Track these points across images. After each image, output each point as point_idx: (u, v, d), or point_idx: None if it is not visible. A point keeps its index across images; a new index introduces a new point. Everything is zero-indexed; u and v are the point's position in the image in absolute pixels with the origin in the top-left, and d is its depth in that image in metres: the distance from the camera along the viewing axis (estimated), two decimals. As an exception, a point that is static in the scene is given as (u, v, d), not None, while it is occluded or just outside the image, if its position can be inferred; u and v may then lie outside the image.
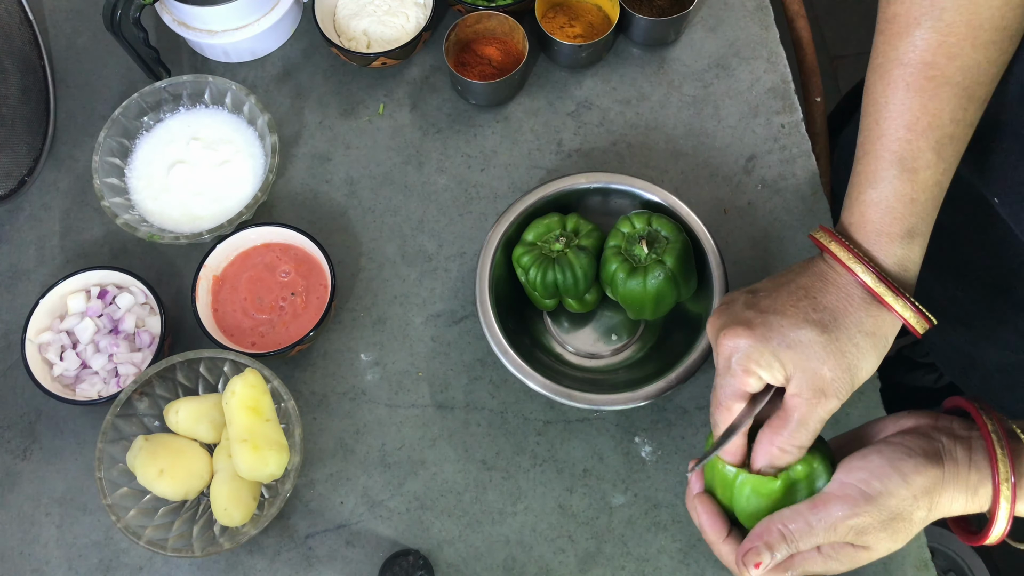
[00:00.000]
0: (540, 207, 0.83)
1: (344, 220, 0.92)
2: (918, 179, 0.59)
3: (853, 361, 0.58)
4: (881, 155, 0.59)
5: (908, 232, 0.59)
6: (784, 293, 0.60)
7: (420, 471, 0.83)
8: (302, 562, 0.80)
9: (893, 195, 0.59)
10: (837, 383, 0.58)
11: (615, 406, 0.77)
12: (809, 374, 0.58)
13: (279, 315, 0.85)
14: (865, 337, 0.58)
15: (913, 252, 0.60)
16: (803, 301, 0.59)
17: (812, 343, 0.58)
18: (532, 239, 0.80)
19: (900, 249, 0.59)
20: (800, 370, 0.58)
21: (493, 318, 0.79)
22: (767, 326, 0.59)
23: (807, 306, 0.59)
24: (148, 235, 0.86)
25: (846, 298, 0.59)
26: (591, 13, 0.97)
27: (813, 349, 0.58)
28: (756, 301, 0.61)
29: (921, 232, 0.60)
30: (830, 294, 0.59)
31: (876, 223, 0.59)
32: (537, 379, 0.77)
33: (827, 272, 0.60)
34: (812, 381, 0.58)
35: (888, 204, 0.59)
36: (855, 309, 0.59)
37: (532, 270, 0.79)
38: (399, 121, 0.96)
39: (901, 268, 0.60)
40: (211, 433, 0.80)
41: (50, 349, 0.83)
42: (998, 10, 0.56)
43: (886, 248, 0.59)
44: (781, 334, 0.58)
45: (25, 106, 0.93)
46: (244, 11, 0.93)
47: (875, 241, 0.60)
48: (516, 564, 0.80)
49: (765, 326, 0.59)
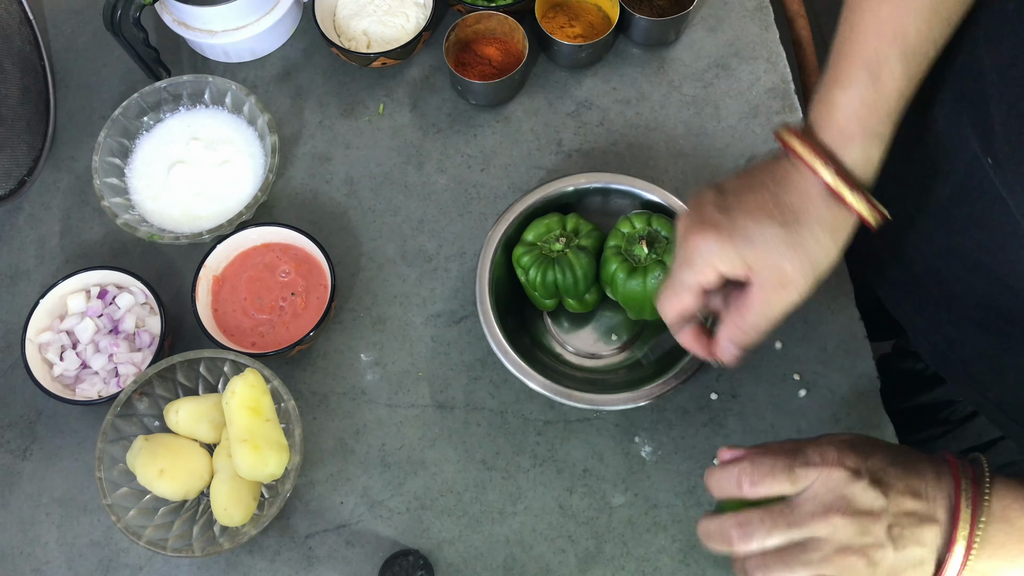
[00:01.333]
0: (540, 207, 0.83)
1: (344, 220, 0.92)
2: (883, 87, 0.61)
3: (814, 255, 0.61)
4: (852, 59, 0.62)
5: (869, 134, 0.62)
6: (749, 193, 0.63)
7: (420, 471, 0.83)
8: (302, 562, 0.80)
9: (859, 99, 0.62)
10: (798, 276, 0.61)
11: (615, 406, 0.77)
12: (772, 269, 0.61)
13: (279, 315, 0.85)
14: (825, 231, 0.61)
15: (872, 153, 0.62)
16: (767, 200, 0.62)
17: (775, 239, 0.61)
18: (532, 239, 0.80)
19: (861, 150, 0.62)
20: (763, 266, 0.62)
21: (493, 318, 0.79)
22: (733, 226, 0.62)
23: (771, 204, 0.62)
24: (148, 235, 0.86)
25: (807, 196, 0.62)
26: (591, 13, 0.97)
27: (776, 245, 0.61)
28: (724, 201, 0.63)
29: (881, 135, 0.62)
30: (792, 193, 0.62)
31: (840, 124, 0.62)
32: (537, 379, 0.77)
33: (790, 171, 0.63)
34: (775, 275, 0.61)
35: (853, 107, 0.62)
36: (815, 206, 0.62)
37: (532, 270, 0.79)
38: (399, 121, 0.96)
39: (860, 168, 0.62)
40: (211, 433, 0.80)
41: (50, 349, 0.83)
42: None
43: (847, 148, 0.62)
44: (746, 233, 0.62)
45: (25, 106, 0.93)
46: (244, 11, 0.93)
47: (838, 141, 0.62)
48: (516, 564, 0.80)
49: (731, 226, 0.62)
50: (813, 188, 0.62)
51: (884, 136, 0.63)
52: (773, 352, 0.85)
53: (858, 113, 0.62)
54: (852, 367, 0.84)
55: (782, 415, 0.83)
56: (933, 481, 0.56)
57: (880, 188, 0.66)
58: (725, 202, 0.63)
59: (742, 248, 0.62)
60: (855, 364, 0.84)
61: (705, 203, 0.64)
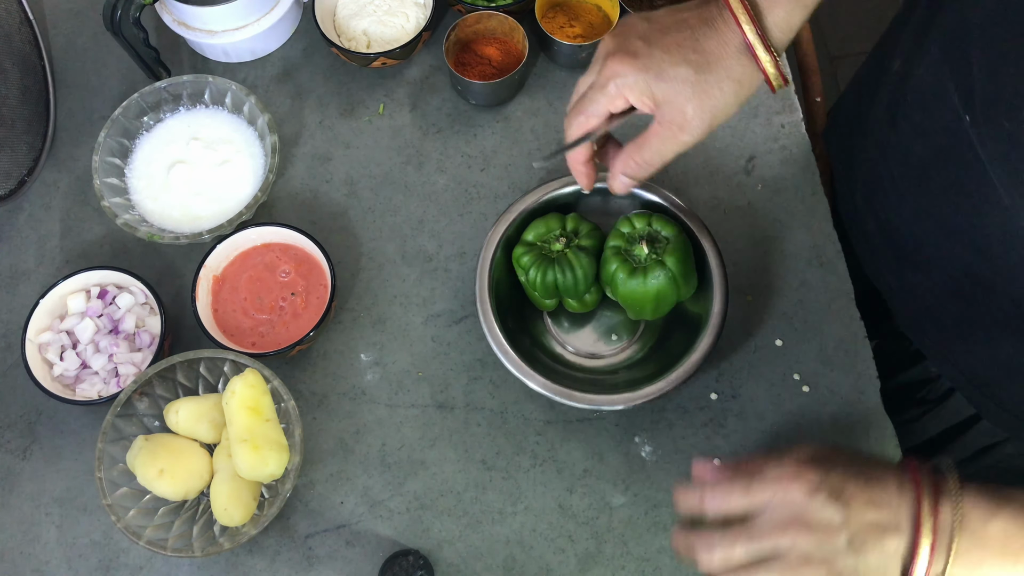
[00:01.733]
0: (540, 207, 0.83)
1: (344, 220, 0.92)
2: None
3: (716, 103, 0.65)
4: None
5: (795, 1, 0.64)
6: (673, 30, 0.66)
7: (420, 471, 0.83)
8: (302, 562, 0.80)
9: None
10: (696, 121, 0.65)
11: (615, 406, 0.77)
12: (675, 109, 0.65)
13: (279, 315, 0.85)
14: (731, 83, 0.65)
15: (793, 19, 0.65)
16: (687, 41, 0.65)
17: (685, 81, 0.64)
18: (532, 239, 0.80)
19: (784, 13, 0.64)
20: (668, 103, 0.65)
21: (493, 318, 0.79)
22: (651, 59, 0.65)
23: (689, 47, 0.65)
24: (148, 235, 0.86)
25: (724, 45, 0.65)
26: (591, 13, 0.97)
27: (684, 87, 0.65)
28: (648, 33, 0.66)
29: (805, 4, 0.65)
30: (711, 39, 0.65)
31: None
32: (537, 379, 0.77)
33: (715, 17, 0.65)
34: (676, 116, 0.65)
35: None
36: (729, 57, 0.65)
37: (532, 270, 0.79)
38: (399, 121, 0.96)
39: (779, 30, 0.65)
40: (211, 433, 0.80)
41: (50, 349, 0.83)
42: None
43: (773, 9, 0.64)
44: (660, 69, 0.65)
45: (25, 106, 0.93)
46: (244, 11, 0.93)
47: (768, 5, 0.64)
48: (516, 564, 0.80)
49: (649, 58, 0.65)
50: (732, 39, 0.64)
51: (808, 5, 0.65)
52: (773, 352, 0.85)
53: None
54: (852, 367, 0.84)
55: (782, 415, 0.83)
56: (895, 491, 0.57)
57: (860, 148, 0.67)
58: (650, 34, 0.66)
59: (653, 83, 0.65)
60: (855, 364, 0.84)
61: (631, 30, 0.67)
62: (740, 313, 0.86)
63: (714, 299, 0.78)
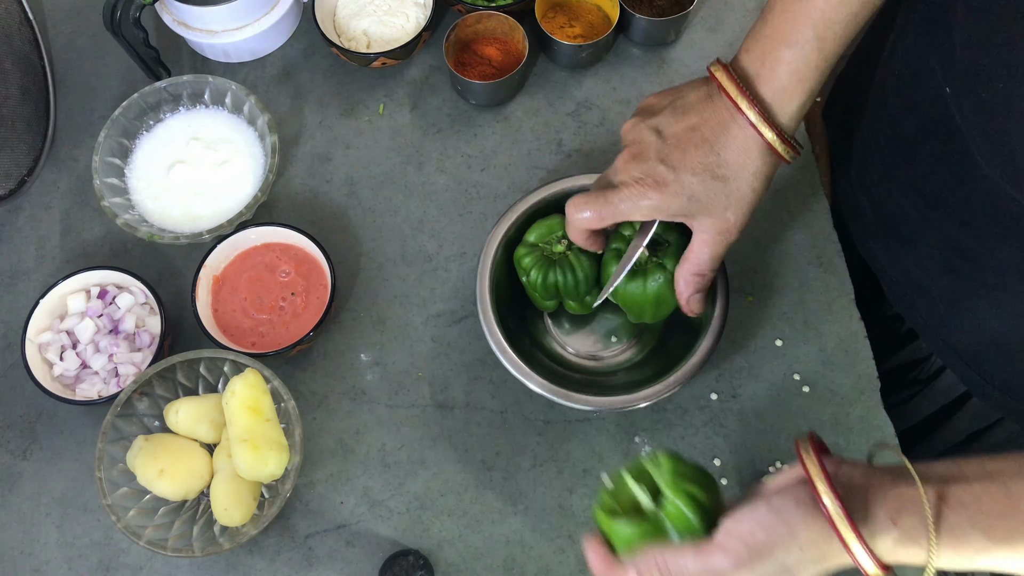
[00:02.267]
0: (541, 208, 0.83)
1: (344, 220, 0.92)
2: (825, 49, 0.66)
3: (750, 199, 0.68)
4: (799, 18, 0.65)
5: (806, 92, 0.66)
6: (691, 148, 0.67)
7: (420, 471, 0.83)
8: (302, 562, 0.80)
9: (803, 60, 0.65)
10: (739, 221, 0.68)
11: (614, 408, 0.77)
12: (716, 219, 0.68)
13: (279, 315, 0.85)
14: (760, 180, 0.67)
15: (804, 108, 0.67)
16: (710, 157, 0.66)
17: (719, 196, 0.67)
18: (534, 240, 0.80)
19: (797, 108, 0.67)
20: (708, 217, 0.68)
21: (493, 319, 0.79)
22: (680, 185, 0.67)
23: (713, 163, 0.66)
24: (148, 235, 0.86)
25: (746, 153, 0.66)
26: (591, 13, 0.97)
27: (719, 199, 0.67)
28: (668, 155, 0.67)
29: (812, 92, 0.67)
30: (731, 150, 0.66)
31: (784, 82, 0.66)
32: (536, 379, 0.77)
33: (730, 125, 0.66)
34: (718, 224, 0.68)
35: (798, 67, 0.66)
36: (752, 160, 0.66)
37: (534, 271, 0.79)
38: (399, 121, 0.96)
39: (793, 122, 0.67)
40: (211, 433, 0.80)
41: (50, 349, 0.83)
42: None
43: (786, 106, 0.66)
44: (692, 192, 0.67)
45: (25, 106, 0.93)
46: (244, 11, 0.93)
47: (779, 99, 0.66)
48: (516, 564, 0.80)
49: (679, 185, 0.67)
50: (753, 145, 0.66)
51: (815, 92, 0.67)
52: (773, 352, 0.85)
53: (800, 73, 0.66)
54: (852, 367, 0.84)
55: (782, 415, 0.83)
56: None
57: (854, 124, 0.70)
58: (670, 156, 0.67)
59: (688, 206, 0.67)
60: (855, 364, 0.84)
61: (647, 151, 0.68)
62: (740, 313, 0.86)
63: (716, 303, 0.78)
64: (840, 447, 0.82)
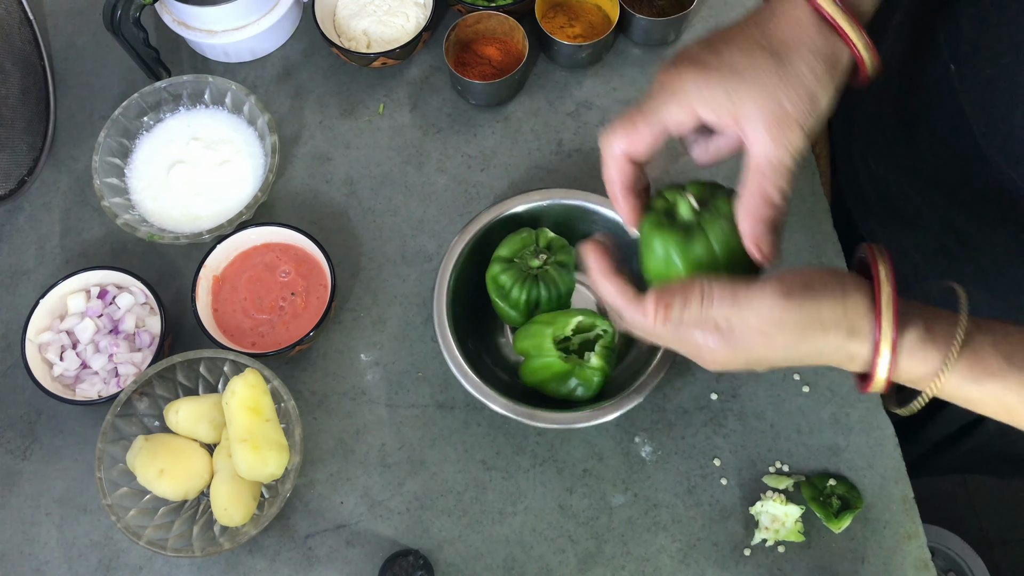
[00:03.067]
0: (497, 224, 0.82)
1: (344, 220, 0.92)
2: None
3: (811, 88, 0.54)
4: None
5: None
6: (736, 31, 0.56)
7: (420, 471, 0.83)
8: (302, 562, 0.80)
9: None
10: (798, 111, 0.54)
11: (579, 423, 0.77)
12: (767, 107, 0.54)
13: (279, 315, 0.85)
14: (821, 62, 0.54)
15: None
16: (754, 32, 0.56)
17: (766, 70, 0.54)
18: (508, 255, 0.79)
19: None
20: (755, 104, 0.54)
21: (452, 341, 0.78)
22: (720, 60, 0.54)
23: (758, 35, 0.55)
24: (148, 235, 0.86)
25: (799, 25, 0.55)
26: (591, 13, 0.97)
27: (767, 77, 0.54)
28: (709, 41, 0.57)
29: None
30: (782, 24, 0.55)
31: None
32: (499, 401, 0.76)
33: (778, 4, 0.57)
34: (772, 113, 0.54)
35: None
36: (807, 32, 0.55)
37: (515, 289, 0.78)
38: (399, 121, 0.96)
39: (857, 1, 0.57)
40: (211, 433, 0.80)
41: (50, 349, 0.83)
42: None
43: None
44: (733, 65, 0.54)
45: (25, 106, 0.93)
46: (244, 11, 0.93)
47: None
48: (516, 564, 0.80)
49: (718, 61, 0.54)
50: (805, 16, 0.55)
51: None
52: (773, 352, 0.85)
53: None
54: (852, 367, 0.84)
55: (782, 415, 0.83)
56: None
57: (864, 102, 0.64)
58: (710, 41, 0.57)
59: (730, 83, 0.54)
60: (855, 364, 0.85)
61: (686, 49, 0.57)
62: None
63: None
64: (840, 447, 0.82)
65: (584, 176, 0.92)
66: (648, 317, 0.55)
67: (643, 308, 0.56)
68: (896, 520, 0.79)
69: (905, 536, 0.79)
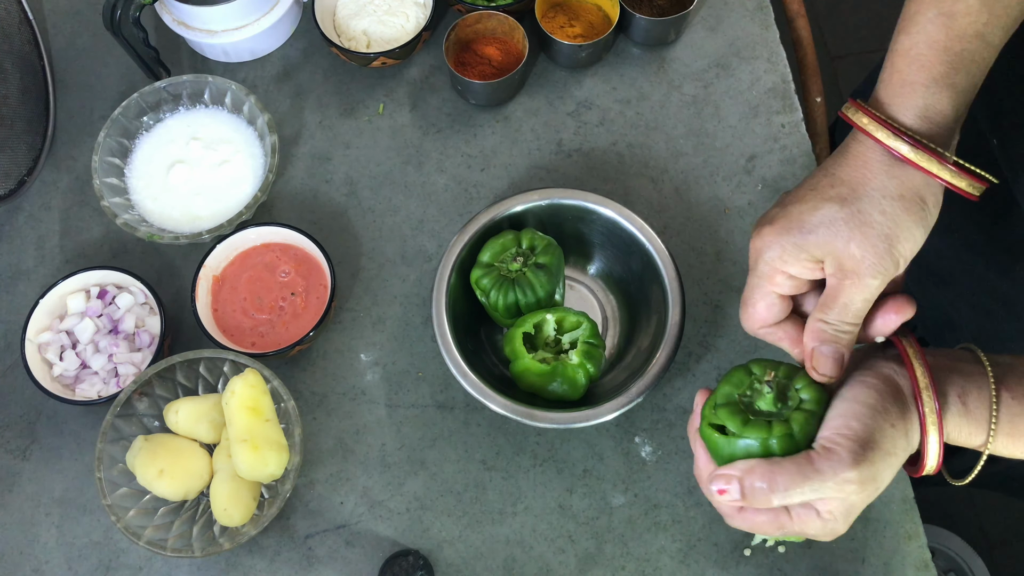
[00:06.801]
0: (494, 227, 0.82)
1: (344, 220, 0.92)
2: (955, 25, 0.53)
3: (885, 231, 0.53)
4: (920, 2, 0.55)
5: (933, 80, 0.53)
6: (806, 181, 0.57)
7: (420, 471, 0.83)
8: (302, 562, 0.80)
9: (924, 41, 0.54)
10: (870, 259, 0.54)
11: (579, 423, 0.76)
12: (837, 255, 0.54)
13: (279, 315, 0.85)
14: (893, 202, 0.53)
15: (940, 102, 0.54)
16: (822, 180, 0.55)
17: (834, 221, 0.54)
18: (488, 260, 0.79)
19: (922, 99, 0.54)
20: (828, 253, 0.55)
21: (452, 343, 0.78)
22: (788, 218, 0.55)
23: (825, 184, 0.55)
24: (148, 235, 0.86)
25: (864, 165, 0.54)
26: (591, 13, 0.97)
27: (836, 228, 0.54)
28: (781, 200, 0.58)
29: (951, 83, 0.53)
30: (848, 165, 0.55)
31: (902, 72, 0.54)
32: (498, 400, 0.76)
33: (849, 144, 0.56)
34: (842, 262, 0.54)
35: (917, 51, 0.54)
36: (875, 174, 0.54)
37: (493, 292, 0.79)
38: (399, 121, 0.96)
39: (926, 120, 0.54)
40: (211, 433, 0.80)
41: (50, 349, 0.83)
42: None
43: (907, 100, 0.54)
44: (801, 222, 0.55)
45: (25, 106, 0.93)
46: (244, 11, 0.93)
47: (897, 93, 0.55)
48: (516, 564, 0.80)
49: (786, 218, 0.56)
50: (871, 153, 0.54)
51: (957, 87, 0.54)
52: (773, 351, 0.85)
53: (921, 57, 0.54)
54: (852, 367, 0.84)
55: (782, 415, 0.83)
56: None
57: None
58: (782, 200, 0.58)
59: (800, 238, 0.55)
60: (855, 364, 0.84)
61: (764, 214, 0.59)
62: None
63: (669, 309, 0.77)
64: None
65: (584, 176, 0.92)
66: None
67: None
68: (896, 520, 0.79)
69: (905, 536, 0.79)
